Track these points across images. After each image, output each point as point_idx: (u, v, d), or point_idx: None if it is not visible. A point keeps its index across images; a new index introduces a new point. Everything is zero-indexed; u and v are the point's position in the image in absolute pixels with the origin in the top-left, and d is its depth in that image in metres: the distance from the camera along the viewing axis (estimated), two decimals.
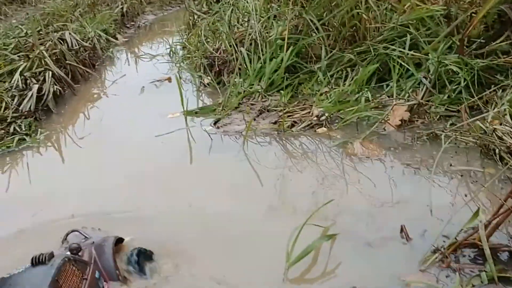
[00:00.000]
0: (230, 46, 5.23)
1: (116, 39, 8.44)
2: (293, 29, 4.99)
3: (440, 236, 2.43)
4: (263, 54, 4.87)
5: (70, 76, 5.94)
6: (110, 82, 6.22)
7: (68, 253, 2.13)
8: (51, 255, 1.98)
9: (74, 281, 1.98)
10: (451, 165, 3.18)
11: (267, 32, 5.12)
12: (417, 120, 3.77)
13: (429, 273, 2.24)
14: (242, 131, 3.92)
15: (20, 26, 7.38)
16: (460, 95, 3.84)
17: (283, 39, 4.82)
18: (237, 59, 5.06)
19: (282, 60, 4.70)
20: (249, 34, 5.10)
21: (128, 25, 9.46)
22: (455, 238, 2.36)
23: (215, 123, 4.22)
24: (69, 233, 2.52)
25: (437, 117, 3.77)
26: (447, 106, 3.84)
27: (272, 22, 5.20)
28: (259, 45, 4.92)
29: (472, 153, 3.29)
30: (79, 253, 2.19)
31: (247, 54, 4.98)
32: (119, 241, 2.45)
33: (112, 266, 2.24)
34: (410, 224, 2.56)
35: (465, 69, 3.88)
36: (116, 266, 2.26)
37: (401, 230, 2.53)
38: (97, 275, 2.16)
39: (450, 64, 3.92)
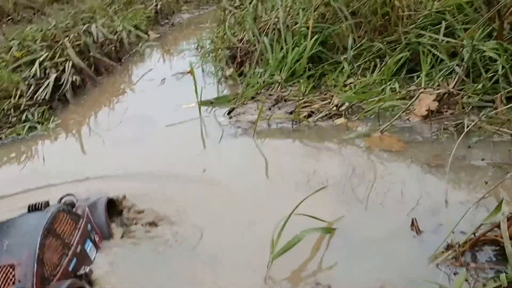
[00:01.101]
0: (254, 36, 4.94)
1: (148, 35, 8.29)
2: (319, 18, 4.66)
3: (457, 233, 2.05)
4: (286, 44, 4.55)
5: (93, 68, 5.80)
6: (134, 76, 6.06)
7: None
8: (47, 204, 2.15)
9: (68, 229, 2.11)
10: (483, 159, 2.80)
11: (292, 21, 4.80)
12: (446, 111, 3.38)
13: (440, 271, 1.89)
14: (254, 121, 3.60)
15: (49, 21, 7.31)
16: (497, 84, 3.43)
17: (308, 28, 4.49)
18: (259, 50, 4.77)
19: (305, 49, 4.38)
20: (274, 24, 4.81)
21: (161, 23, 9.30)
22: (473, 234, 1.98)
23: (229, 113, 3.94)
24: (64, 196, 2.50)
25: (469, 107, 3.36)
26: (481, 96, 3.42)
27: (299, 11, 4.87)
28: (282, 34, 4.62)
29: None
30: (73, 209, 2.31)
31: (270, 43, 4.67)
32: (112, 202, 2.53)
33: (104, 222, 2.35)
34: (424, 219, 2.21)
35: (504, 56, 3.47)
36: (107, 222, 2.37)
37: (412, 224, 2.17)
38: (89, 227, 2.26)
39: (487, 51, 3.51)
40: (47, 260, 1.90)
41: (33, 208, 2.11)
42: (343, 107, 3.61)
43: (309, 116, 3.67)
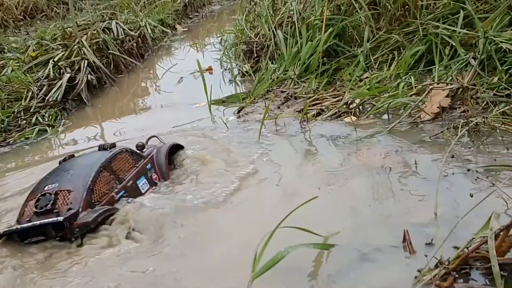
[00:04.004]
0: (269, 30, 4.83)
1: (175, 29, 8.27)
2: (335, 9, 4.51)
3: (450, 248, 1.91)
4: (300, 37, 4.43)
5: (112, 66, 5.79)
6: (155, 73, 6.03)
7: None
8: (113, 145, 2.65)
9: (126, 166, 2.59)
10: (495, 160, 2.63)
11: (307, 13, 4.67)
12: (459, 107, 3.20)
13: None
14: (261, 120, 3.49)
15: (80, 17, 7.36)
16: None
17: (322, 21, 4.35)
18: (275, 44, 4.67)
19: (319, 43, 4.25)
20: (288, 17, 4.69)
21: (191, 15, 9.26)
22: (466, 248, 1.85)
23: (238, 112, 3.86)
24: (150, 138, 3.13)
25: (484, 103, 3.18)
26: (497, 90, 3.22)
27: (314, 2, 4.73)
28: (297, 27, 4.49)
29: None
30: (143, 150, 2.83)
31: (285, 37, 4.56)
32: (179, 147, 3.03)
33: (163, 164, 2.80)
34: (418, 232, 2.07)
35: None
36: (166, 164, 2.81)
37: (404, 238, 2.04)
38: (148, 166, 2.72)
39: (503, 42, 3.31)
40: (97, 190, 2.37)
41: (101, 148, 2.64)
42: (353, 104, 3.47)
43: (319, 114, 3.54)
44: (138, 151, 2.77)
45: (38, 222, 2.22)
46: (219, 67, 5.52)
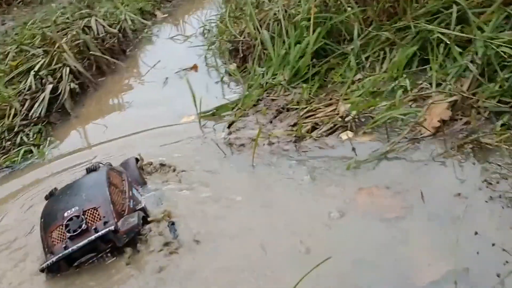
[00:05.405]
0: (254, 28, 4.63)
1: (155, 15, 8.00)
2: (321, 6, 4.30)
3: None
4: (288, 38, 4.24)
5: (94, 68, 5.58)
6: (140, 70, 5.81)
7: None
8: (98, 165, 2.86)
9: (118, 181, 2.74)
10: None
11: (294, 10, 4.46)
12: (460, 119, 3.07)
13: None
14: (254, 137, 3.32)
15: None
16: None
17: (309, 20, 4.15)
18: (261, 43, 4.47)
19: (308, 44, 4.06)
20: (274, 14, 4.48)
21: None
22: None
23: (229, 127, 3.70)
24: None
25: (486, 113, 3.04)
26: (500, 99, 3.08)
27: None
28: (283, 27, 4.30)
29: None
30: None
31: (271, 37, 4.37)
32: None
33: (138, 174, 3.01)
34: None
35: None
36: (140, 174, 3.05)
37: None
38: (129, 179, 2.85)
39: (502, 45, 3.15)
40: (116, 202, 2.53)
41: (91, 170, 2.82)
42: (348, 118, 3.32)
43: (314, 129, 3.40)
44: (117, 167, 2.99)
45: (93, 237, 2.34)
46: (204, 63, 5.30)
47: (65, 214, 2.44)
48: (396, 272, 2.12)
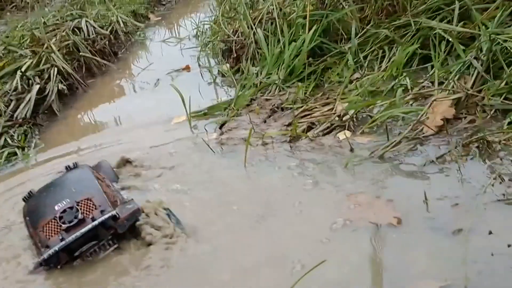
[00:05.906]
0: (248, 27, 4.47)
1: (148, 18, 7.85)
2: (318, 4, 4.15)
3: None
4: (283, 36, 4.08)
5: (84, 69, 5.42)
6: (130, 74, 5.65)
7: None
8: (77, 163, 2.73)
9: (101, 177, 2.66)
10: None
11: (289, 8, 4.31)
12: (464, 117, 2.90)
13: None
14: (246, 137, 3.14)
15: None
16: None
17: (305, 17, 4.00)
18: (255, 43, 4.31)
19: (303, 43, 3.90)
20: (268, 12, 4.33)
21: (163, 1, 8.81)
22: None
23: (221, 127, 3.53)
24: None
25: (492, 111, 2.88)
26: (506, 96, 2.92)
27: None
28: (278, 25, 4.14)
29: None
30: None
31: (265, 36, 4.21)
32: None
33: (113, 174, 2.94)
34: None
35: None
36: (114, 172, 2.97)
37: None
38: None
39: (508, 40, 3.00)
40: (107, 193, 2.45)
41: (71, 167, 2.68)
42: (346, 117, 3.16)
43: (310, 128, 3.23)
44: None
45: (96, 222, 2.25)
46: (197, 64, 5.14)
47: (56, 208, 2.34)
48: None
